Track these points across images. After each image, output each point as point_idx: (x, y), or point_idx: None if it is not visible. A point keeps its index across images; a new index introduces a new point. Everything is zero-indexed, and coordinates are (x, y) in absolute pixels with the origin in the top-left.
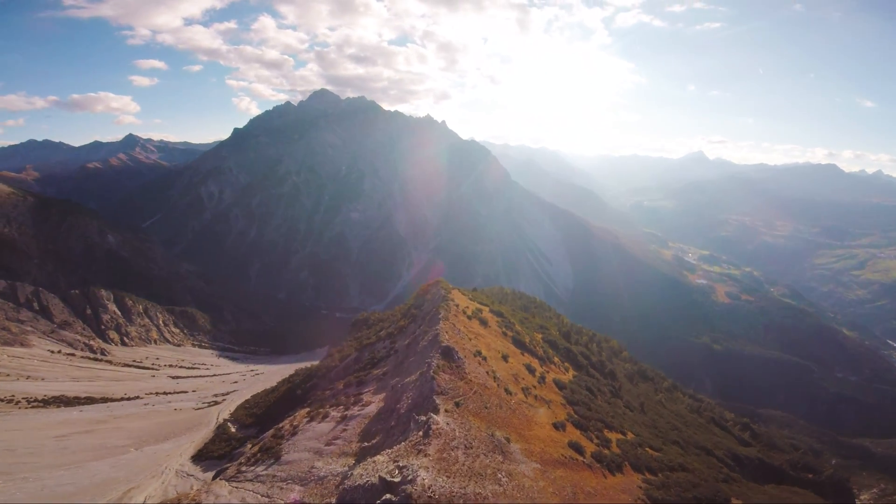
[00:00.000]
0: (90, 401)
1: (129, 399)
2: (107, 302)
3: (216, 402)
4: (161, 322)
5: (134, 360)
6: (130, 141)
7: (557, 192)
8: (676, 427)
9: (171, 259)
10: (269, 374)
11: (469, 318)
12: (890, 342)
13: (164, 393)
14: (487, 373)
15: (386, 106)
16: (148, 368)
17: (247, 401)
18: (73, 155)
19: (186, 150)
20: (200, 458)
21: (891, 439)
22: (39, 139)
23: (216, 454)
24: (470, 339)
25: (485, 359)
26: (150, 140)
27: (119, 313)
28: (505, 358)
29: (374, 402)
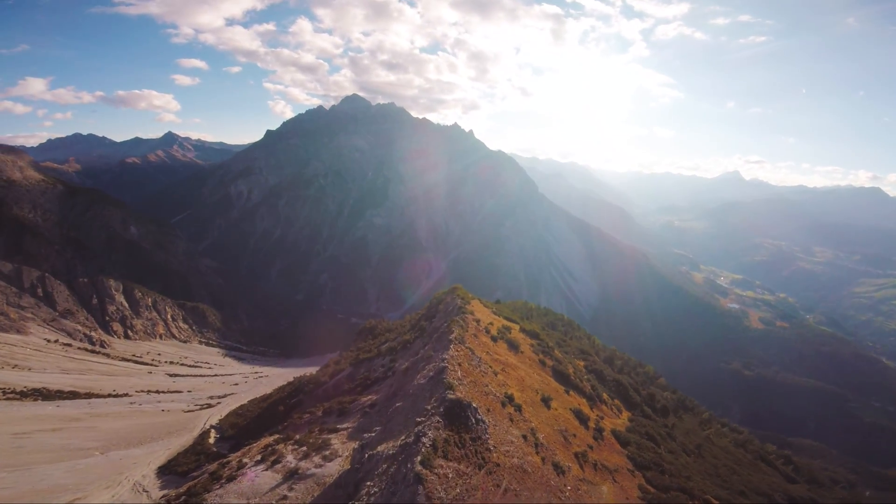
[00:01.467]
0: (73, 395)
1: (116, 396)
2: (114, 292)
3: (209, 406)
4: (169, 317)
5: (133, 355)
6: (169, 139)
7: (585, 207)
8: (735, 470)
9: (193, 254)
10: (273, 378)
11: (494, 339)
12: None
13: (157, 392)
14: (525, 437)
15: (415, 114)
16: (146, 364)
17: (242, 406)
18: (114, 149)
19: (222, 150)
20: (166, 470)
21: None
22: (85, 133)
23: (181, 469)
24: (496, 375)
25: (519, 408)
26: (187, 139)
27: (126, 305)
28: (547, 402)
29: (339, 458)
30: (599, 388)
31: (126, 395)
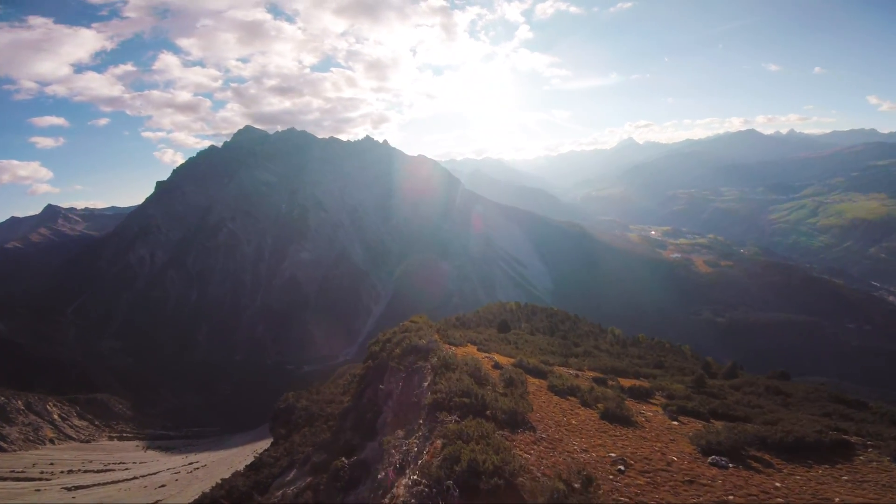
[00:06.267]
0: None
1: None
2: None
3: None
4: (56, 416)
5: (13, 471)
6: (51, 213)
7: (511, 196)
8: None
9: (89, 338)
10: (213, 467)
11: None
12: (875, 283)
13: None
14: None
15: (321, 136)
16: (33, 480)
17: None
18: None
19: (114, 215)
20: None
21: None
22: None
23: None
24: None
25: None
26: (72, 209)
27: None
28: None
29: None
30: None
31: None
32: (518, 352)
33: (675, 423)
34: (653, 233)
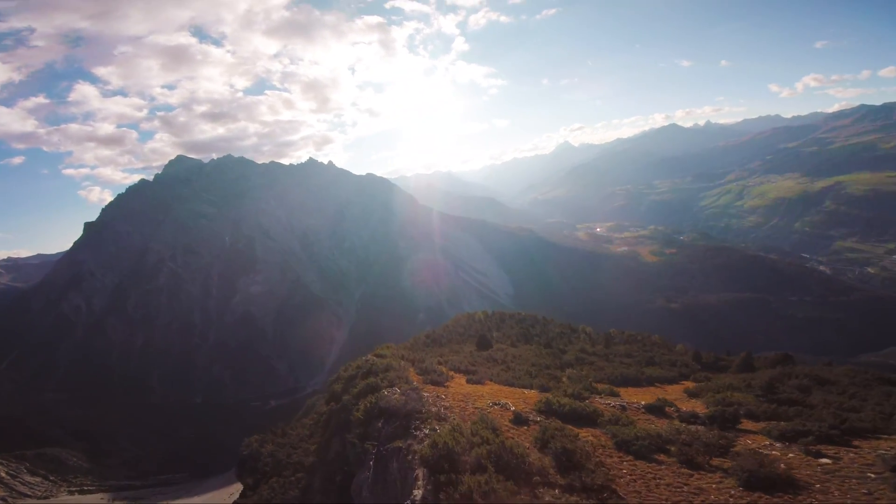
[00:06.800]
0: None
1: None
2: None
3: None
4: (4, 474)
5: None
6: None
7: (462, 207)
8: None
9: (28, 392)
10: None
11: None
12: (805, 255)
13: None
14: None
15: (261, 161)
16: None
17: None
18: None
19: (41, 263)
20: None
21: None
22: None
23: None
24: None
25: None
26: None
27: None
28: None
29: None
30: None
31: None
32: (508, 372)
33: (825, 460)
34: (598, 229)
